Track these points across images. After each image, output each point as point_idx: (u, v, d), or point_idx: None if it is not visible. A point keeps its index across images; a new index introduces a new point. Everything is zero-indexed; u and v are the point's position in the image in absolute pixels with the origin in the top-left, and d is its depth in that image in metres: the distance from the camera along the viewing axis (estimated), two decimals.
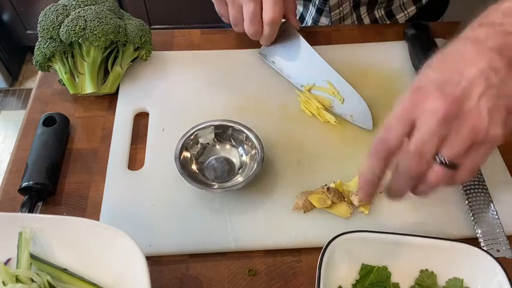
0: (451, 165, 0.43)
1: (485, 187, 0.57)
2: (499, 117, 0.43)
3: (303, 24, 0.90)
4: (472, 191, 0.57)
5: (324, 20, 0.85)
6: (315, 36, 0.78)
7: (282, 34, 0.72)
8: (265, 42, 0.70)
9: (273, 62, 0.72)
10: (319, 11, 0.84)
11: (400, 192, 0.47)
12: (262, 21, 0.67)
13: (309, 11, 0.86)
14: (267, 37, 0.69)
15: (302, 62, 0.71)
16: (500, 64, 0.43)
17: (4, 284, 0.44)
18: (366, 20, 0.86)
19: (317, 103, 0.66)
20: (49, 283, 0.45)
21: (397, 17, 0.87)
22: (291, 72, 0.71)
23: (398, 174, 0.45)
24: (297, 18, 0.90)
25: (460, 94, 0.42)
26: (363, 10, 0.84)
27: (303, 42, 0.72)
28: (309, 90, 0.68)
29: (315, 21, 0.86)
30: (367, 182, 0.47)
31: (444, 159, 0.43)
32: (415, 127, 0.43)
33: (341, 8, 0.82)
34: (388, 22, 0.87)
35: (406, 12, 0.86)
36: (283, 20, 0.72)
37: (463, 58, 0.44)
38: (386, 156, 0.45)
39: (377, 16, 0.86)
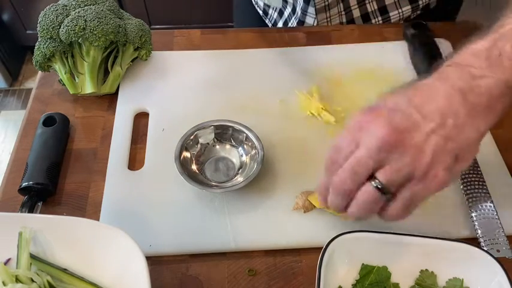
0: (384, 191, 0.43)
1: (485, 187, 0.57)
2: (443, 160, 0.42)
3: (294, 16, 0.89)
4: (472, 191, 0.57)
5: (311, 10, 0.84)
6: (315, 36, 0.78)
7: None
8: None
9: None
10: (307, 1, 0.83)
11: (336, 207, 0.47)
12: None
13: (298, 1, 0.86)
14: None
15: None
16: (461, 109, 0.42)
17: (4, 284, 0.44)
18: (356, 13, 0.85)
19: (317, 103, 0.66)
20: (49, 283, 0.45)
21: (391, 14, 0.85)
22: None
23: (332, 189, 0.46)
24: (288, 10, 0.90)
25: (407, 126, 0.42)
26: (353, 1, 0.83)
27: None
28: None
29: (304, 11, 0.84)
30: (322, 195, 0.48)
31: (378, 183, 0.43)
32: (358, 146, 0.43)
33: None
34: (380, 18, 0.85)
35: (400, 10, 0.84)
36: None
37: (425, 92, 0.44)
38: (336, 162, 0.45)
39: (369, 10, 0.84)
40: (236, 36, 0.78)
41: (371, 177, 0.43)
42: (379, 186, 0.43)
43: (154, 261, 0.53)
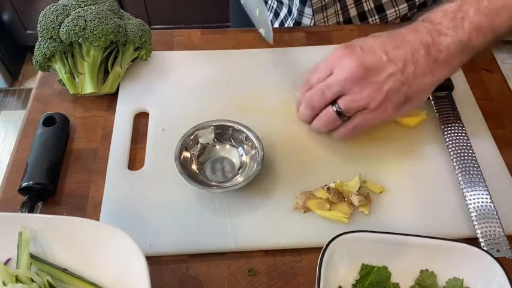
0: (341, 114, 0.54)
1: (485, 187, 0.57)
2: (395, 99, 0.52)
3: (291, 17, 0.89)
4: (472, 190, 0.57)
5: (307, 10, 0.84)
6: (315, 36, 0.78)
7: None
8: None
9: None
10: (303, 1, 0.83)
11: (304, 118, 0.59)
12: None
13: (294, 2, 0.86)
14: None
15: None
16: (422, 60, 0.51)
17: (4, 284, 0.44)
18: (353, 12, 0.85)
19: None
20: (49, 283, 0.45)
21: (387, 12, 0.85)
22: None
23: (304, 101, 0.57)
24: (284, 11, 0.90)
25: (374, 66, 0.51)
26: (349, 1, 0.83)
27: None
28: None
29: (300, 11, 0.84)
30: (296, 106, 0.61)
31: (338, 107, 0.54)
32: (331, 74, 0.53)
33: None
34: (376, 17, 0.85)
35: (397, 8, 0.84)
36: None
37: (397, 40, 0.52)
38: (313, 81, 0.56)
39: (365, 9, 0.84)
40: (236, 36, 0.78)
41: (334, 102, 0.54)
42: (338, 110, 0.54)
43: (154, 261, 0.53)
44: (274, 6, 0.92)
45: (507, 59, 2.18)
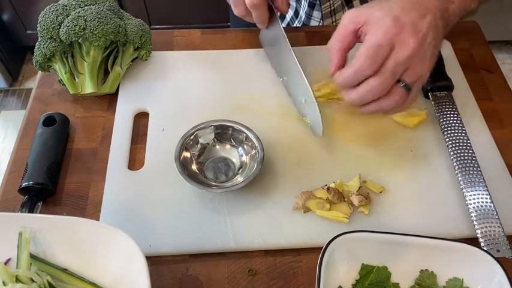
0: (408, 88, 0.56)
1: (485, 187, 0.57)
2: (433, 61, 0.57)
3: (298, 19, 0.89)
4: (472, 190, 0.57)
5: (316, 14, 0.84)
6: (315, 36, 0.78)
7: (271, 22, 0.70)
8: (258, 25, 0.70)
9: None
10: (311, 5, 0.83)
11: (362, 100, 0.57)
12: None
13: (302, 5, 0.86)
14: (256, 20, 0.68)
15: (275, 57, 0.71)
16: (440, 23, 0.56)
17: (4, 284, 0.44)
18: None
19: (327, 90, 0.67)
20: (49, 283, 0.45)
21: None
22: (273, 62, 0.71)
23: (368, 87, 0.55)
24: (290, 14, 0.90)
25: (422, 37, 0.54)
26: (357, 4, 0.83)
27: (281, 36, 0.68)
28: None
29: (308, 15, 0.85)
30: (346, 88, 0.58)
31: (404, 83, 0.55)
32: (392, 51, 0.54)
33: (331, 1, 0.82)
34: None
35: None
36: None
37: (421, 6, 0.56)
38: (379, 61, 0.54)
39: None
40: (236, 36, 0.78)
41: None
42: (404, 85, 0.55)
43: (154, 261, 0.53)
44: None
45: (507, 59, 2.18)
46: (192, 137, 0.60)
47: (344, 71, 0.56)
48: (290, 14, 0.91)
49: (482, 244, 0.53)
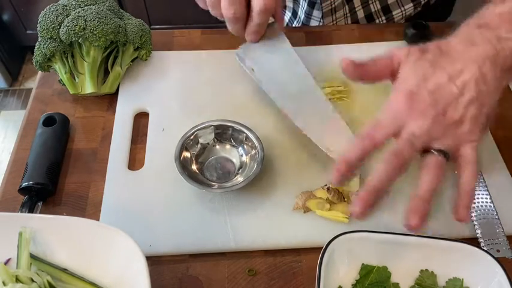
0: (446, 156, 0.47)
1: (485, 187, 0.57)
2: (479, 124, 0.47)
3: (296, 19, 0.89)
4: None
5: (316, 13, 0.84)
6: (315, 36, 0.78)
7: (267, 37, 0.64)
8: (252, 36, 0.63)
9: (252, 69, 0.63)
10: (311, 4, 0.83)
11: (384, 180, 0.47)
12: (245, 6, 0.59)
13: (301, 5, 0.86)
14: (255, 28, 0.61)
15: (283, 74, 0.63)
16: (491, 74, 0.46)
17: (4, 284, 0.44)
18: (360, 14, 0.85)
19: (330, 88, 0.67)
20: (49, 283, 0.45)
21: (394, 13, 0.85)
22: (270, 87, 0.62)
23: (384, 163, 0.47)
24: (288, 15, 0.90)
25: (449, 104, 0.45)
26: (357, 3, 0.83)
27: (288, 49, 0.63)
28: None
29: (308, 14, 0.85)
30: (345, 164, 0.47)
31: (439, 151, 0.46)
32: (403, 128, 0.46)
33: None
34: (383, 18, 0.86)
35: (403, 8, 0.85)
36: (271, 21, 0.65)
37: (457, 60, 0.46)
38: (369, 150, 0.47)
39: (372, 10, 0.85)
40: (236, 36, 0.78)
41: (427, 150, 0.47)
42: (439, 152, 0.47)
43: (154, 261, 0.53)
44: None
45: None
46: (192, 137, 0.60)
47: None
48: (288, 15, 0.91)
49: (482, 244, 0.53)
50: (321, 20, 0.85)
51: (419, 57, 0.48)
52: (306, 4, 0.85)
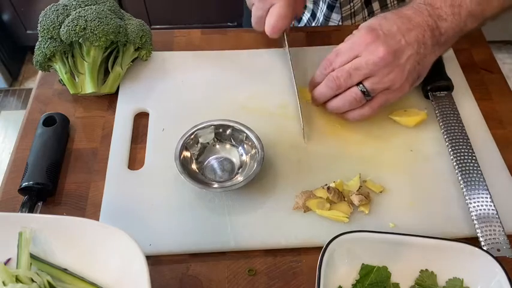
0: (367, 94, 0.58)
1: (485, 187, 0.57)
2: (411, 78, 0.58)
3: (315, 21, 0.89)
4: (472, 190, 0.57)
5: (335, 16, 0.85)
6: (315, 37, 0.78)
7: None
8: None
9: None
10: (330, 8, 0.84)
11: (321, 96, 0.62)
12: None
13: (320, 8, 0.86)
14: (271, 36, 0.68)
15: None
16: (429, 41, 0.57)
17: (4, 284, 0.44)
18: None
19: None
20: (49, 283, 0.45)
21: None
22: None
23: (326, 81, 0.60)
24: (306, 15, 0.90)
25: (396, 49, 0.56)
26: (376, 6, 0.84)
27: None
28: None
29: (326, 17, 0.86)
30: (311, 85, 0.64)
31: (363, 88, 0.58)
32: (357, 57, 0.57)
33: (352, 4, 0.82)
34: None
35: None
36: None
37: (407, 22, 0.57)
38: (328, 73, 0.60)
39: None
40: (236, 36, 0.78)
41: (358, 83, 0.58)
42: (363, 90, 0.58)
43: (154, 261, 0.53)
44: None
45: (507, 59, 2.18)
46: (192, 137, 0.60)
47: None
48: (307, 16, 0.91)
49: (482, 244, 0.53)
50: (340, 23, 0.85)
51: (378, 16, 0.59)
52: (325, 7, 0.85)
